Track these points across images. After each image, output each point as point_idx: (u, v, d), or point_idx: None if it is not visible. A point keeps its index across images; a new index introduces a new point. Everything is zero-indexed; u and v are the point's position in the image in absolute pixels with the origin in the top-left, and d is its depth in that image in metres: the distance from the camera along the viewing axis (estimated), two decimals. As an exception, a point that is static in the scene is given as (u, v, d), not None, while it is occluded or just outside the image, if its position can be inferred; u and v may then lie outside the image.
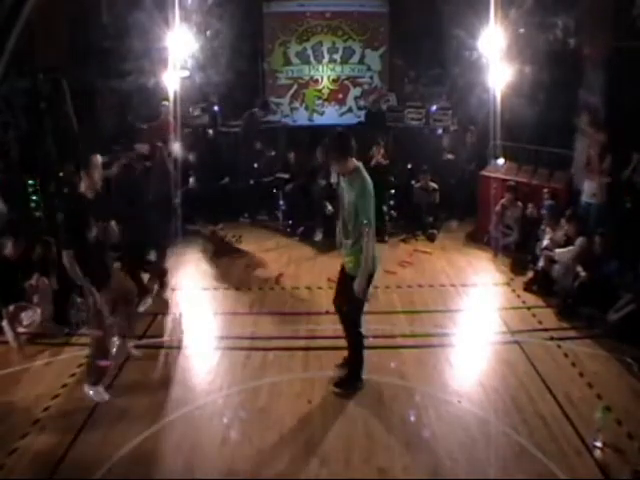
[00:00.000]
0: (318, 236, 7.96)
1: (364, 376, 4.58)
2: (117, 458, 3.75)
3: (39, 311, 5.29)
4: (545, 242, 6.52)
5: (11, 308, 5.20)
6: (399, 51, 10.34)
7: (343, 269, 4.46)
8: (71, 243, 4.15)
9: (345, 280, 4.38)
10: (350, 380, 4.55)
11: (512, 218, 7.47)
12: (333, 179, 7.89)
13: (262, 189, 8.79)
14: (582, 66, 7.56)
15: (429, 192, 8.33)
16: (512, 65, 7.81)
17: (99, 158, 4.37)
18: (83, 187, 4.30)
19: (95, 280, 4.26)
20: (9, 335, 5.14)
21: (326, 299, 5.95)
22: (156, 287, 6.22)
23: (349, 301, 4.34)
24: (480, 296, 6.40)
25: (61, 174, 7.07)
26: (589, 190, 6.71)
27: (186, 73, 8.59)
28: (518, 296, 6.29)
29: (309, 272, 6.92)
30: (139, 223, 5.50)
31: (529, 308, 5.98)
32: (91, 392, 4.43)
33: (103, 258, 4.53)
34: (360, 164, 4.26)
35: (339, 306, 4.57)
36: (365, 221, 4.07)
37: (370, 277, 4.26)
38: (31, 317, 5.27)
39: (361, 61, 10.65)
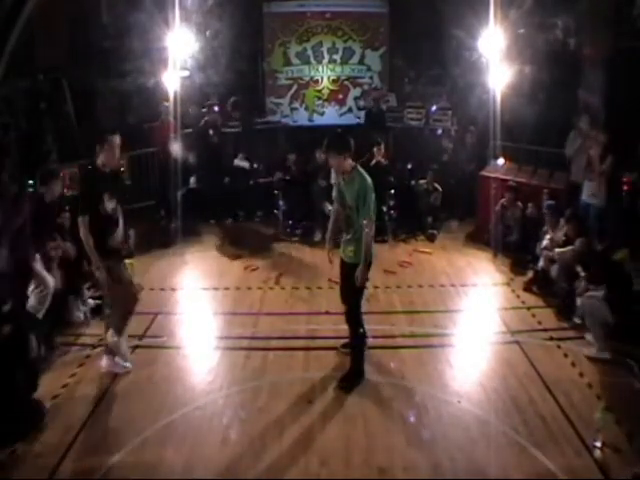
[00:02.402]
0: (318, 236, 7.94)
1: (365, 376, 4.60)
2: (117, 458, 3.75)
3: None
4: (545, 242, 6.51)
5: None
6: (399, 51, 10.33)
7: (342, 264, 4.59)
8: (86, 210, 4.37)
9: (346, 271, 4.51)
10: (353, 376, 4.59)
11: (512, 218, 7.46)
12: (333, 179, 7.86)
13: (261, 189, 8.79)
14: (582, 66, 7.56)
15: (430, 192, 8.34)
16: (512, 65, 7.81)
17: (118, 138, 4.54)
18: (100, 162, 4.51)
19: (104, 253, 4.44)
20: None
21: (326, 299, 5.98)
22: None
23: (351, 289, 4.47)
24: (480, 296, 6.41)
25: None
26: (589, 190, 6.71)
27: (186, 73, 8.59)
28: (518, 296, 6.28)
29: (309, 272, 6.91)
30: None
31: (529, 308, 5.98)
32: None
33: (114, 234, 4.65)
34: (357, 165, 4.42)
35: (345, 299, 4.69)
36: (367, 218, 4.25)
37: (368, 266, 4.40)
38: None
39: (361, 61, 10.64)
